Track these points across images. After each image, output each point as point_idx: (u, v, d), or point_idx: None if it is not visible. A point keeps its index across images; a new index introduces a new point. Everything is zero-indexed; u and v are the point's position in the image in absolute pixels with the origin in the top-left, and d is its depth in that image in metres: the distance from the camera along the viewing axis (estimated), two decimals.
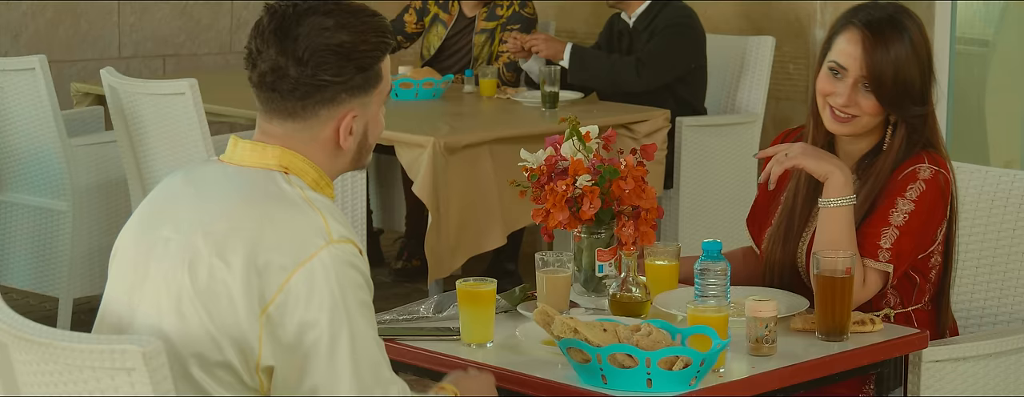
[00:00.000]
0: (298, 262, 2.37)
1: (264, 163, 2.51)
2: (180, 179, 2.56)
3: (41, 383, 2.27)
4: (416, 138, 5.17)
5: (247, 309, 2.36)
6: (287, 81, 2.48)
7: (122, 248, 2.56)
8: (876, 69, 3.13)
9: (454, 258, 5.23)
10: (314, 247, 2.38)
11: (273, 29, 2.48)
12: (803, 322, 3.03)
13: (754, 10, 6.71)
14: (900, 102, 3.15)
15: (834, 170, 3.14)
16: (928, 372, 3.12)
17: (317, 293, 2.37)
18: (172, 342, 2.38)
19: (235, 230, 2.40)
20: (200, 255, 2.40)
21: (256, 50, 2.50)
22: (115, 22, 7.34)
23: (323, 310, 2.36)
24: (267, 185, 2.47)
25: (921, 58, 3.15)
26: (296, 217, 2.41)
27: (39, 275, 5.46)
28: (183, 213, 2.47)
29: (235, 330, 2.36)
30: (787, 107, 6.65)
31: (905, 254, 3.14)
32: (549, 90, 5.71)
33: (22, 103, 5.33)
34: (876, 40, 3.14)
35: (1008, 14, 6.45)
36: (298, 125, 2.51)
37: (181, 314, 2.39)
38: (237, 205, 2.44)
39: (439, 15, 6.55)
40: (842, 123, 3.20)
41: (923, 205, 3.15)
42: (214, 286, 2.37)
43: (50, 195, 5.39)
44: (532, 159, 3.16)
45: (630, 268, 3.06)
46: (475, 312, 2.91)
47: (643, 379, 2.63)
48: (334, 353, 2.37)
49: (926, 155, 3.19)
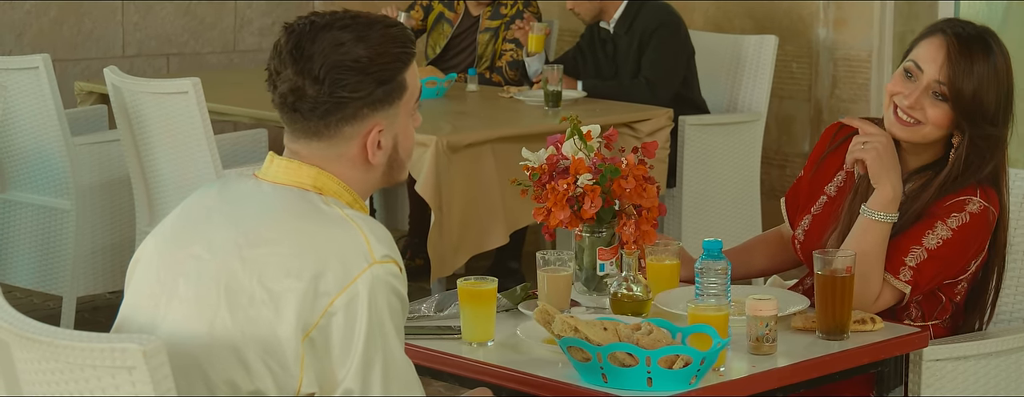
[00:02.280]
0: (341, 286, 2.33)
1: (299, 181, 2.46)
2: (215, 195, 2.50)
3: (42, 381, 2.27)
4: (418, 137, 5.16)
5: (289, 335, 2.32)
6: (306, 101, 2.42)
7: (145, 259, 2.51)
8: (956, 78, 3.06)
9: (457, 257, 5.23)
10: (357, 269, 2.34)
11: (290, 49, 2.42)
12: (803, 321, 3.03)
13: (757, 9, 6.71)
14: (972, 117, 3.08)
15: (887, 185, 3.08)
16: (928, 371, 3.12)
17: (359, 317, 2.33)
18: (201, 365, 2.35)
19: (275, 255, 2.36)
20: (238, 280, 2.36)
21: (275, 71, 2.45)
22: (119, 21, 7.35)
23: (361, 334, 2.33)
24: (304, 205, 2.43)
25: (1002, 83, 3.09)
26: (337, 238, 2.37)
27: (42, 274, 5.46)
28: (217, 232, 2.42)
29: (274, 358, 2.33)
30: (790, 106, 6.66)
31: (925, 277, 3.10)
32: (551, 89, 5.71)
33: (26, 102, 5.34)
34: (962, 51, 3.08)
35: (1010, 14, 6.44)
36: (324, 144, 2.46)
37: (213, 337, 2.35)
38: (275, 227, 2.40)
39: (445, 14, 6.56)
40: (905, 127, 3.13)
41: (961, 236, 3.10)
42: (253, 313, 2.34)
43: (53, 194, 5.40)
44: (533, 158, 3.17)
45: (631, 267, 3.06)
46: (476, 311, 2.91)
47: (643, 378, 2.63)
48: (368, 378, 2.35)
49: (980, 189, 3.13)
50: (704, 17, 6.89)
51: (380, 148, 2.49)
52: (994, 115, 3.10)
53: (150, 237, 2.54)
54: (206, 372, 2.36)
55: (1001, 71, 3.10)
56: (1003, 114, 3.12)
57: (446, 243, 5.17)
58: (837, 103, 6.49)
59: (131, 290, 2.52)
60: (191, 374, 2.36)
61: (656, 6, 6.04)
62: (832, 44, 6.50)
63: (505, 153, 5.22)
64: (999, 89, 3.10)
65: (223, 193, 2.50)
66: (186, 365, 2.36)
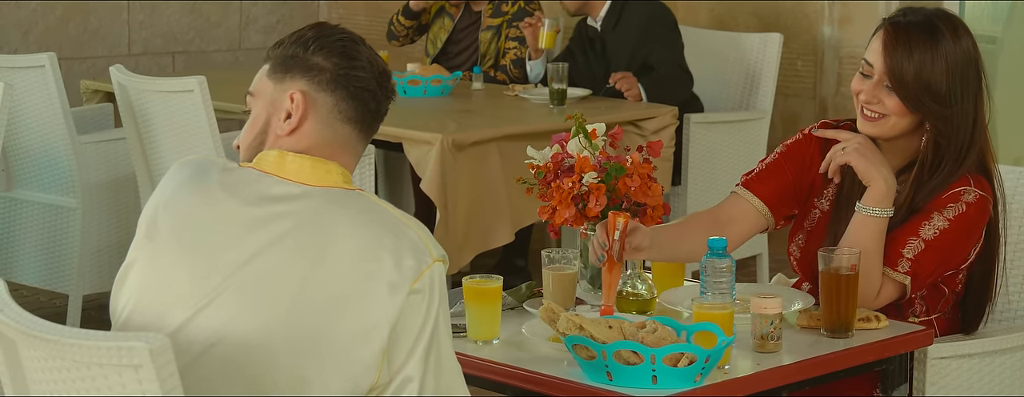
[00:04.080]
0: (413, 279, 2.37)
1: (333, 181, 2.47)
2: (219, 191, 2.46)
3: (49, 380, 2.27)
4: (424, 135, 5.18)
5: (379, 327, 2.35)
6: (366, 93, 2.53)
7: (150, 265, 2.46)
8: (895, 66, 3.10)
9: (462, 255, 5.24)
10: (425, 265, 2.39)
11: (340, 40, 2.52)
12: (808, 319, 3.03)
13: (761, 7, 6.71)
14: (920, 100, 3.09)
15: (879, 179, 3.09)
16: (933, 369, 3.12)
17: (426, 310, 2.39)
18: (269, 365, 2.35)
19: (358, 250, 2.37)
20: (314, 282, 2.36)
21: (383, 74, 2.55)
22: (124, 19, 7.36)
23: (428, 327, 2.39)
24: (362, 204, 2.44)
25: (950, 63, 3.10)
26: (404, 236, 2.41)
27: (49, 272, 5.47)
28: (256, 235, 2.40)
29: (355, 353, 2.35)
30: (795, 104, 6.66)
31: (925, 269, 3.11)
32: (557, 87, 5.72)
33: (32, 100, 5.34)
34: (899, 38, 3.11)
35: (1016, 11, 6.44)
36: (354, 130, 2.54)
37: (289, 335, 2.35)
38: (348, 225, 2.40)
39: (446, 8, 6.56)
40: (871, 122, 3.15)
41: (958, 226, 3.11)
42: (337, 311, 2.35)
43: (59, 192, 5.41)
44: (538, 156, 3.17)
45: (636, 265, 3.06)
46: (481, 309, 2.92)
47: (648, 376, 2.63)
48: (426, 368, 2.39)
49: (973, 178, 3.14)
50: (709, 15, 6.89)
51: None
52: (946, 96, 3.10)
53: (146, 243, 2.48)
54: (273, 372, 2.35)
55: (950, 52, 3.10)
56: (961, 94, 3.12)
57: (451, 241, 5.18)
58: (842, 101, 6.49)
59: (132, 297, 2.47)
60: (255, 374, 2.35)
61: (641, 3, 6.05)
62: (837, 42, 6.51)
63: (510, 151, 5.23)
64: (951, 70, 3.10)
65: (234, 192, 2.46)
66: (249, 366, 2.35)
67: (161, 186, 2.55)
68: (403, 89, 5.97)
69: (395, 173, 6.69)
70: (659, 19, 6.01)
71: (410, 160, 5.29)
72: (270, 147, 2.51)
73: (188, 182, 2.50)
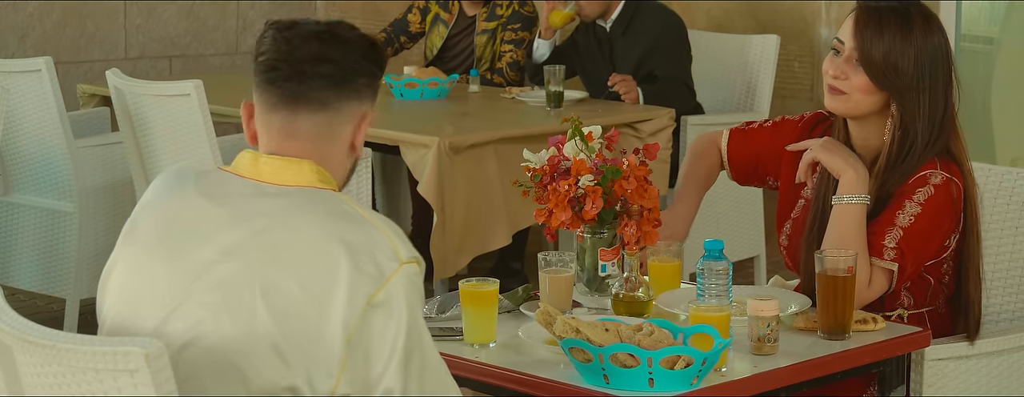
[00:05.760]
0: (377, 286, 2.34)
1: (305, 180, 2.46)
2: (196, 197, 2.48)
3: (44, 385, 2.27)
4: (421, 138, 5.18)
5: (334, 335, 2.33)
6: (326, 65, 2.44)
7: (127, 268, 2.48)
8: (865, 43, 3.15)
9: (459, 258, 5.24)
10: (390, 270, 2.35)
11: (315, 31, 2.46)
12: (805, 321, 3.03)
13: (759, 9, 6.71)
14: (887, 79, 3.15)
15: (847, 168, 3.15)
16: (930, 370, 3.12)
17: (396, 317, 2.35)
18: (238, 366, 2.34)
19: (317, 254, 2.35)
20: (275, 281, 2.35)
21: (289, 45, 2.45)
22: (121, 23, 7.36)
23: (401, 334, 2.35)
24: (328, 205, 2.42)
25: (918, 50, 3.15)
26: (368, 238, 2.37)
27: (46, 276, 5.47)
28: (228, 235, 2.40)
29: (315, 357, 2.33)
30: (793, 105, 6.66)
31: (909, 254, 3.13)
32: (553, 89, 5.72)
33: (28, 105, 5.34)
34: (871, 18, 3.17)
35: (1013, 12, 6.44)
36: (328, 117, 2.45)
37: (253, 337, 2.34)
38: (309, 228, 2.39)
39: (440, 15, 6.56)
40: (835, 97, 3.21)
41: (930, 209, 3.14)
42: (295, 313, 2.33)
43: (56, 196, 5.41)
44: (535, 159, 3.17)
45: (632, 268, 3.06)
46: (478, 312, 2.92)
47: (645, 379, 2.63)
48: (407, 377, 2.36)
49: (940, 162, 3.18)
50: (706, 17, 6.89)
51: (362, 141, 2.52)
52: (912, 79, 3.15)
53: (124, 247, 2.51)
54: (244, 372, 2.35)
55: (920, 42, 3.15)
56: (929, 81, 3.16)
57: (448, 244, 5.18)
58: None
59: (115, 300, 2.48)
60: (226, 375, 2.35)
61: (654, 6, 6.05)
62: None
63: (507, 154, 5.23)
64: (919, 56, 3.15)
65: (208, 195, 2.47)
66: (219, 367, 2.35)
67: (145, 193, 2.58)
68: (400, 92, 5.97)
69: (392, 176, 6.69)
70: (670, 30, 6.00)
71: (407, 163, 5.29)
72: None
73: (167, 187, 2.53)
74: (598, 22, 6.13)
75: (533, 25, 6.38)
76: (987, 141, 6.30)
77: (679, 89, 5.96)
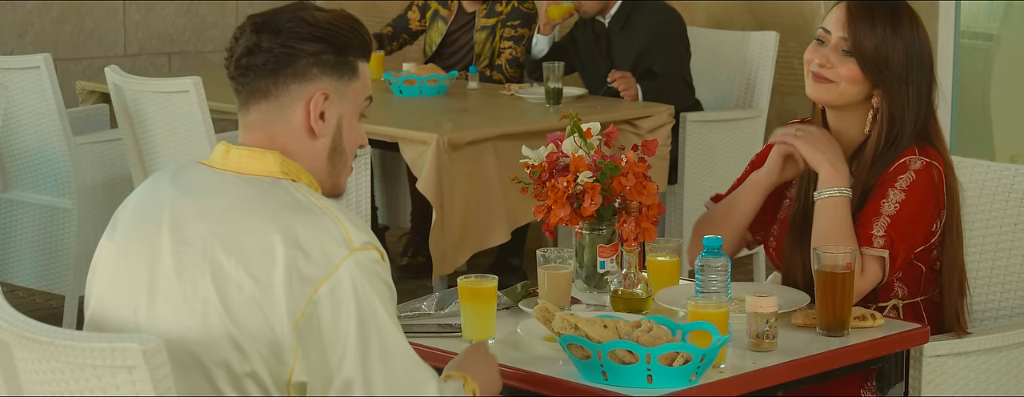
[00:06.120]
0: (324, 275, 2.34)
1: (267, 170, 2.47)
2: (169, 188, 2.51)
3: (42, 381, 2.27)
4: (420, 135, 5.18)
5: (281, 324, 2.33)
6: (260, 55, 2.47)
7: (107, 261, 2.52)
8: (858, 34, 3.18)
9: (458, 254, 5.23)
10: (338, 257, 2.35)
11: (255, 22, 2.50)
12: (804, 317, 3.03)
13: (758, 6, 6.71)
14: (878, 69, 3.17)
15: (824, 163, 3.17)
16: (929, 367, 3.12)
17: (345, 305, 2.34)
18: (196, 355, 2.36)
19: (258, 245, 2.36)
20: (225, 271, 2.36)
21: (234, 39, 2.51)
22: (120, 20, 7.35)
23: (351, 323, 2.34)
24: (280, 194, 2.44)
25: (907, 44, 3.18)
26: (317, 227, 2.38)
27: (45, 273, 5.47)
28: (189, 225, 2.43)
29: (268, 346, 2.34)
30: (792, 102, 6.66)
31: (899, 241, 3.15)
32: (552, 86, 5.71)
33: (27, 101, 5.34)
34: (863, 11, 3.19)
35: (1012, 9, 6.44)
36: (271, 106, 2.48)
37: (208, 327, 2.35)
38: (256, 217, 2.40)
39: (439, 11, 6.57)
40: (820, 85, 3.22)
41: (913, 194, 3.16)
42: (245, 303, 2.34)
43: (55, 193, 5.41)
44: (533, 156, 3.17)
45: (631, 264, 3.06)
46: (476, 309, 2.92)
47: (643, 375, 2.63)
48: (367, 365, 2.35)
49: (917, 148, 3.21)
50: (706, 14, 6.89)
51: (323, 120, 2.50)
52: (902, 71, 3.18)
53: (106, 241, 2.56)
54: (201, 360, 2.36)
55: (906, 34, 3.19)
56: (916, 73, 3.20)
57: (448, 241, 5.18)
58: None
59: (97, 293, 2.52)
60: (187, 365, 2.36)
61: (653, 3, 6.05)
62: None
63: (507, 151, 5.23)
64: (907, 49, 3.19)
65: (178, 186, 2.50)
66: (182, 358, 2.36)
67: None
68: (399, 89, 5.97)
69: (391, 173, 6.69)
70: (669, 26, 6.00)
71: (406, 160, 5.29)
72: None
73: (148, 182, 2.58)
74: (597, 18, 6.12)
75: (532, 22, 6.38)
76: (986, 138, 6.30)
77: (678, 86, 5.96)
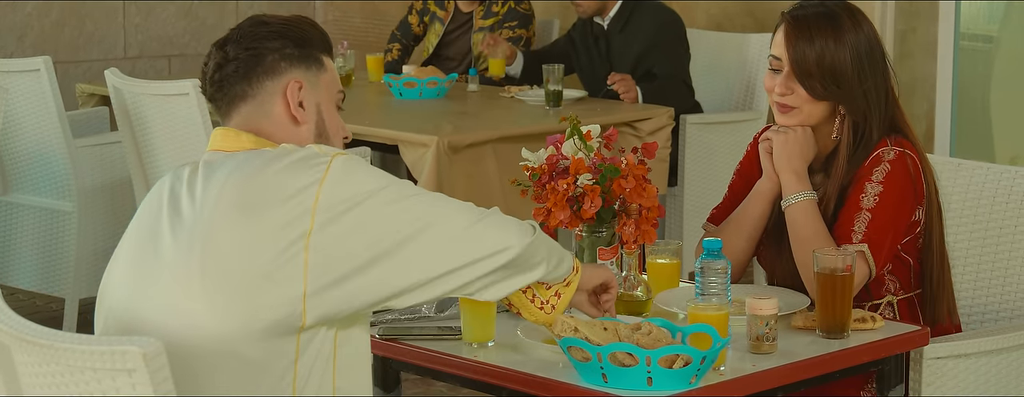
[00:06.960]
0: (315, 180, 2.43)
1: (240, 145, 2.57)
2: (167, 188, 2.59)
3: (43, 384, 2.27)
4: (420, 137, 5.18)
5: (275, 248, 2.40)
6: (230, 65, 2.58)
7: (120, 264, 2.63)
8: (798, 52, 3.19)
9: None
10: (323, 163, 2.46)
11: (217, 43, 2.63)
12: (804, 320, 3.03)
13: (758, 8, 6.71)
14: (827, 80, 3.19)
15: (785, 171, 3.23)
16: (929, 369, 3.12)
17: (353, 184, 2.46)
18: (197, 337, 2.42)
19: (249, 193, 2.44)
20: (219, 228, 2.44)
21: (204, 64, 2.63)
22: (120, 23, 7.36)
23: (368, 186, 2.48)
24: (254, 155, 2.52)
25: (853, 45, 3.19)
26: (290, 155, 2.48)
27: (45, 276, 5.47)
28: (182, 204, 2.51)
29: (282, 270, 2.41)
30: None
31: (880, 234, 3.16)
32: (552, 88, 5.72)
33: (27, 104, 5.35)
34: (799, 27, 3.21)
35: (1012, 10, 6.44)
36: (251, 106, 2.60)
37: (211, 303, 2.42)
38: (236, 177, 2.48)
39: (436, 13, 6.57)
40: (786, 114, 3.25)
41: (891, 185, 3.18)
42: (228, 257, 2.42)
43: (55, 196, 5.41)
44: (533, 158, 3.17)
45: (631, 267, 3.06)
46: (476, 311, 2.92)
47: (643, 378, 2.63)
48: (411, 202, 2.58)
49: (889, 139, 3.23)
50: (705, 16, 6.89)
51: (303, 108, 2.61)
52: (855, 80, 3.20)
53: (123, 239, 2.66)
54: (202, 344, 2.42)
55: (852, 39, 3.20)
56: (869, 73, 3.21)
57: None
58: None
59: (109, 294, 2.62)
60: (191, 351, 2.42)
61: (652, 5, 6.05)
62: None
63: (506, 153, 5.22)
64: (855, 54, 3.20)
65: (183, 178, 2.57)
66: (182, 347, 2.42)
67: None
68: (398, 91, 5.97)
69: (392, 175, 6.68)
70: (668, 28, 6.00)
71: (406, 162, 5.29)
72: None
73: (162, 180, 2.64)
74: (595, 19, 6.12)
75: (530, 22, 6.38)
76: (986, 139, 6.30)
77: (678, 88, 5.96)
